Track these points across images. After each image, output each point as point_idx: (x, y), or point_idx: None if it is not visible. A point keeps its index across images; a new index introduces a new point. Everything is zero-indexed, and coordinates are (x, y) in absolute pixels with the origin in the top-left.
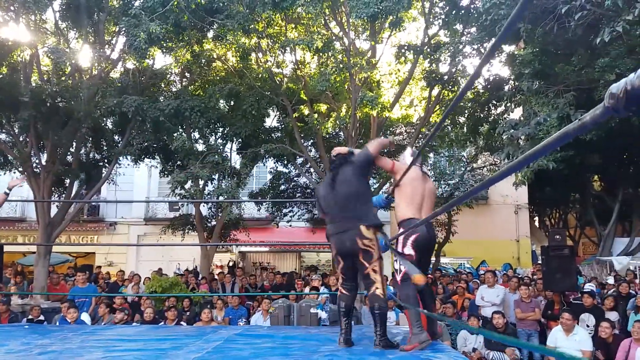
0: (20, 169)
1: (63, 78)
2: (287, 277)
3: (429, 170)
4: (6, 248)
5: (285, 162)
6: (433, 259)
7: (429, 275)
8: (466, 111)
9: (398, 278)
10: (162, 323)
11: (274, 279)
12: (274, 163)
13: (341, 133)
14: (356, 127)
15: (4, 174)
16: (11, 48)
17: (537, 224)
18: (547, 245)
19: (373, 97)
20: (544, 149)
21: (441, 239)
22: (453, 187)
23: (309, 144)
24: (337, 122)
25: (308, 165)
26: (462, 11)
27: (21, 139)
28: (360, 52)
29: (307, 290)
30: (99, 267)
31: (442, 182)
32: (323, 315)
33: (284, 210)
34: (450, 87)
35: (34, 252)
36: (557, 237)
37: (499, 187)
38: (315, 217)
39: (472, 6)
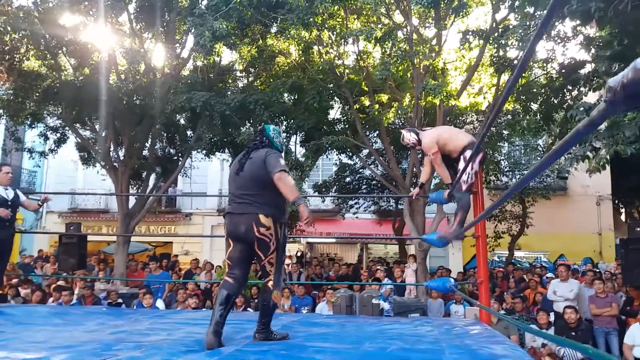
0: (101, 164)
1: (138, 77)
2: (352, 268)
3: (503, 160)
4: (92, 237)
5: (350, 154)
6: (506, 252)
7: (500, 269)
8: (539, 97)
9: (464, 187)
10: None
11: (339, 269)
12: (338, 155)
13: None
14: (420, 117)
15: (87, 167)
16: (92, 50)
17: (623, 216)
18: (626, 238)
19: (436, 86)
20: (559, 150)
21: (515, 232)
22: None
23: (375, 135)
24: (399, 111)
25: (373, 157)
26: None
27: (103, 135)
28: (424, 39)
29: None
30: (176, 255)
31: (516, 172)
32: (386, 306)
33: (350, 202)
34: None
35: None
36: (638, 229)
37: (579, 176)
38: (381, 209)
39: None
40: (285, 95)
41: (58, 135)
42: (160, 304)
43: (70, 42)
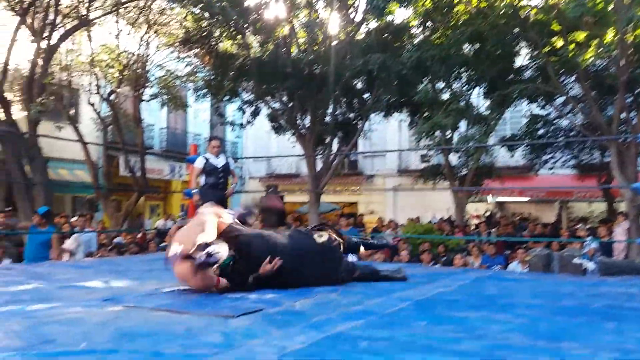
0: (290, 132)
1: (316, 47)
2: (550, 228)
3: None
4: (288, 199)
5: (543, 103)
6: None
7: None
8: None
9: None
10: None
11: (534, 229)
12: (528, 105)
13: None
14: (628, 54)
15: (278, 136)
16: (274, 26)
17: None
18: None
19: None
20: None
21: None
22: None
23: (571, 80)
24: (600, 50)
25: (570, 105)
26: None
27: (290, 105)
28: None
29: None
30: (361, 214)
31: None
32: (590, 266)
33: (544, 157)
34: None
35: (308, 202)
36: None
37: None
38: (582, 163)
39: None
40: (465, 46)
41: (252, 108)
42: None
43: (255, 21)
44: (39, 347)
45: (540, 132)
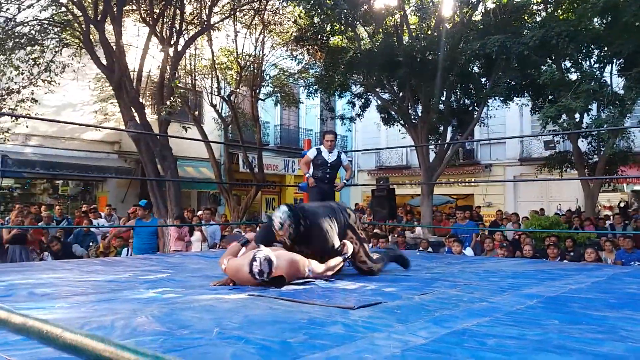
0: (401, 122)
1: (429, 32)
2: None
3: None
4: (398, 191)
5: None
6: None
7: None
8: None
9: None
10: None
11: None
12: None
13: None
14: None
15: (388, 127)
16: (384, 15)
17: None
18: None
19: None
20: None
21: None
22: None
23: None
24: None
25: None
26: None
27: (400, 95)
28: None
29: None
30: (478, 207)
31: None
32: None
33: None
34: None
35: (419, 195)
36: None
37: None
38: None
39: None
40: (595, 19)
41: (362, 100)
42: (469, 251)
43: (364, 13)
44: (178, 332)
45: None
